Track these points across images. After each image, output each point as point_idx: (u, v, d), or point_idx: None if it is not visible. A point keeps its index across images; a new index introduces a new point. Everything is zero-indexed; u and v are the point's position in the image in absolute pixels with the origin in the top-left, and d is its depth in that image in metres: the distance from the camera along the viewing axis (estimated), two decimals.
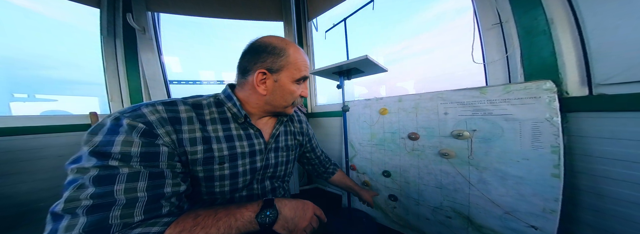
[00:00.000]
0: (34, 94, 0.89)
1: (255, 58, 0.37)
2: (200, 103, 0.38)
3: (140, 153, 0.27)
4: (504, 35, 0.73)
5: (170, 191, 0.28)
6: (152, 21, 1.08)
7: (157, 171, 0.28)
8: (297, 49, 0.39)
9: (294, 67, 0.38)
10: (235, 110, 0.39)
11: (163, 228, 0.24)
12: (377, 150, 0.87)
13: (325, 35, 1.27)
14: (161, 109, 0.31)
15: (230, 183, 0.38)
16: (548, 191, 0.49)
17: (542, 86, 0.51)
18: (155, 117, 0.30)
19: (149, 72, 1.03)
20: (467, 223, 0.63)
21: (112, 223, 0.23)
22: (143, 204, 0.25)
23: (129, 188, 0.25)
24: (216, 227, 0.27)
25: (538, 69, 0.57)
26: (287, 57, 0.37)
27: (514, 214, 0.54)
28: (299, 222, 0.32)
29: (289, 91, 0.39)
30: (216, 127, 0.37)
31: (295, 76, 0.39)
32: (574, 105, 0.50)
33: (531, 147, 0.52)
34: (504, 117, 0.56)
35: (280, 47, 0.38)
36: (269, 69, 0.37)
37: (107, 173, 0.25)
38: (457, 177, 0.65)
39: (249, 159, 0.40)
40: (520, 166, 0.53)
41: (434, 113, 0.70)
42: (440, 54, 0.96)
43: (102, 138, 0.27)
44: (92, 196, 0.23)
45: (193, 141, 0.33)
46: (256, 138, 0.41)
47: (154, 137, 0.29)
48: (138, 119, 0.29)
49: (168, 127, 0.31)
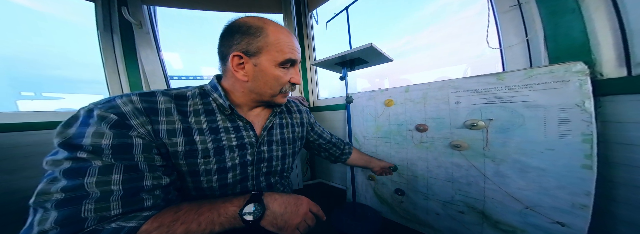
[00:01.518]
0: (41, 92, 0.90)
1: (229, 41, 0.34)
2: (184, 94, 0.35)
3: (113, 145, 0.25)
4: (523, 18, 0.67)
5: (150, 185, 0.26)
6: (149, 15, 1.05)
7: (132, 164, 0.26)
8: (279, 28, 0.34)
9: (275, 48, 0.33)
10: (221, 101, 0.36)
11: (140, 223, 0.23)
12: (383, 142, 0.83)
13: (326, 26, 1.22)
14: (136, 99, 0.29)
15: (218, 178, 0.35)
16: (577, 184, 0.44)
17: (571, 68, 0.45)
18: (129, 107, 0.28)
19: (149, 67, 1.01)
20: (482, 218, 0.60)
21: (86, 216, 0.21)
22: (118, 197, 0.23)
23: (102, 181, 0.23)
24: (197, 222, 0.25)
25: (566, 51, 0.51)
26: (265, 36, 0.33)
27: (536, 210, 0.50)
28: (291, 219, 0.29)
29: (272, 76, 0.35)
30: (199, 119, 0.34)
31: (278, 59, 0.34)
32: (610, 88, 0.44)
33: (558, 136, 0.47)
34: (525, 104, 0.51)
35: (256, 25, 0.33)
36: (245, 52, 0.33)
37: (78, 166, 0.23)
38: (471, 170, 0.61)
39: (238, 152, 0.37)
40: (544, 158, 0.48)
41: (445, 103, 0.65)
42: (446, 47, 0.91)
43: (74, 130, 0.25)
44: (63, 190, 0.22)
45: (172, 133, 0.31)
46: (245, 131, 0.38)
47: (127, 128, 0.27)
48: (110, 110, 0.27)
49: (143, 118, 0.29)
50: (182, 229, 0.24)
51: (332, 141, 0.62)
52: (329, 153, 0.63)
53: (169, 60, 1.14)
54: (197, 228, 0.24)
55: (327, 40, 1.33)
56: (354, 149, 0.65)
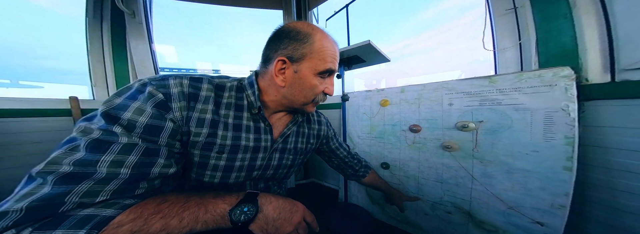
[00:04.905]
0: (18, 81, 0.85)
1: (276, 45, 0.34)
2: (224, 84, 0.35)
3: (146, 124, 0.26)
4: (518, 21, 0.68)
5: (156, 172, 0.26)
6: (144, 5, 1.02)
7: (154, 148, 0.26)
8: (326, 36, 0.34)
9: (319, 56, 0.33)
10: (252, 99, 0.36)
11: (117, 212, 0.21)
12: (377, 142, 0.84)
13: (325, 24, 1.21)
14: (186, 83, 0.30)
15: (222, 175, 0.35)
16: (558, 186, 0.46)
17: (559, 73, 0.46)
18: (177, 89, 0.29)
19: (138, 58, 0.98)
20: (468, 218, 0.61)
21: (67, 200, 0.20)
22: (118, 183, 0.22)
23: (116, 161, 0.23)
24: (179, 218, 0.23)
25: (555, 56, 0.53)
26: (312, 44, 0.33)
27: (518, 210, 0.52)
28: (282, 226, 0.27)
29: (309, 85, 0.34)
30: (229, 112, 0.35)
31: (319, 68, 0.34)
32: (594, 93, 0.46)
33: (543, 138, 0.48)
34: (514, 106, 0.52)
35: (305, 32, 0.33)
36: (290, 57, 0.33)
37: (105, 139, 0.23)
38: (460, 171, 0.62)
39: (250, 155, 0.37)
40: (529, 159, 0.50)
41: (438, 104, 0.66)
42: (444, 51, 0.93)
43: (121, 101, 0.26)
44: (76, 163, 0.21)
45: (200, 123, 0.31)
46: (265, 134, 0.38)
47: (167, 110, 0.28)
48: (161, 89, 0.28)
49: (183, 102, 0.30)
50: (160, 224, 0.21)
51: (346, 159, 0.58)
52: (340, 169, 0.60)
53: (163, 52, 1.11)
54: (177, 224, 0.22)
55: None
56: (371, 172, 0.62)
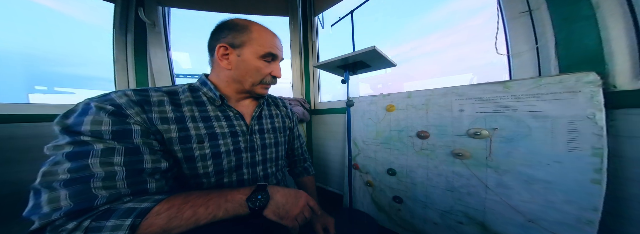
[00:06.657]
0: (53, 87, 0.95)
1: (217, 36, 0.39)
2: (175, 90, 0.38)
3: (112, 130, 0.27)
4: (533, 24, 0.64)
5: (150, 168, 0.28)
6: (163, 15, 1.10)
7: (133, 147, 0.27)
8: (262, 28, 0.39)
9: (258, 42, 0.38)
10: (211, 94, 0.39)
11: (153, 204, 0.24)
12: (382, 148, 0.82)
13: (330, 29, 1.22)
14: (130, 93, 0.32)
15: (213, 163, 0.37)
16: (585, 199, 0.42)
17: (582, 78, 0.43)
18: (123, 100, 0.30)
19: (156, 65, 1.05)
20: (482, 229, 0.57)
21: (96, 193, 0.22)
22: (123, 177, 0.25)
23: (105, 162, 0.24)
24: (205, 206, 0.26)
25: (578, 60, 0.49)
26: (250, 33, 0.37)
27: (539, 223, 0.48)
28: (291, 209, 0.31)
29: (254, 67, 0.38)
30: (191, 108, 0.37)
31: (259, 52, 0.38)
32: (624, 100, 0.42)
33: (566, 148, 0.44)
34: (532, 114, 0.49)
35: (243, 24, 0.38)
36: (231, 44, 0.37)
37: (80, 149, 0.24)
38: (472, 180, 0.59)
39: (231, 139, 0.39)
40: (551, 170, 0.46)
41: (448, 110, 0.64)
42: (454, 53, 0.90)
43: (72, 120, 0.27)
44: (69, 170, 0.23)
45: (165, 121, 0.33)
46: (236, 120, 0.41)
47: (124, 117, 0.29)
48: (106, 102, 0.29)
49: (137, 108, 0.31)
50: (191, 211, 0.25)
51: (296, 152, 0.61)
52: (288, 157, 0.61)
53: (179, 59, 1.18)
54: (204, 211, 0.26)
55: (332, 44, 1.34)
56: (307, 178, 0.62)
